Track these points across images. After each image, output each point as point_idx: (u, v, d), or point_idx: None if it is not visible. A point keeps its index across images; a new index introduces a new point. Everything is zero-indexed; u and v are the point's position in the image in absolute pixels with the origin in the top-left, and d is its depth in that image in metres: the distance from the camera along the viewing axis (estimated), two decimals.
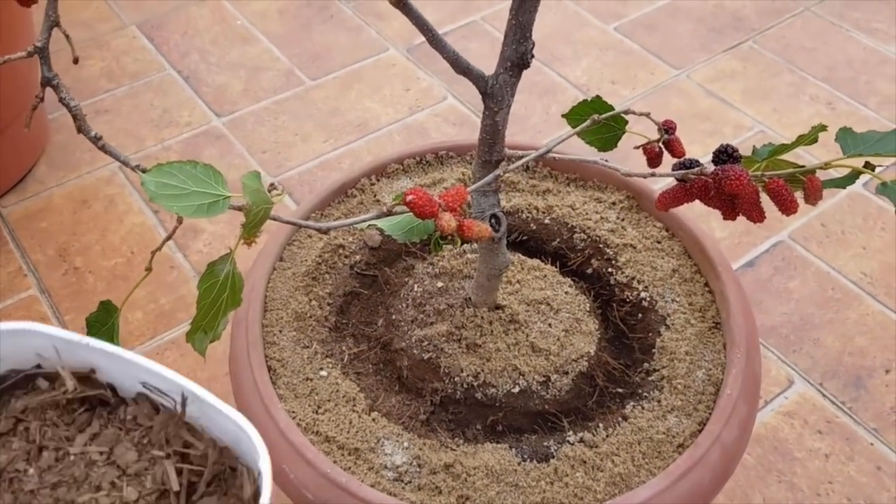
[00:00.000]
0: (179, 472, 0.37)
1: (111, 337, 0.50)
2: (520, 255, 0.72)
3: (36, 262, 1.11)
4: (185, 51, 1.46)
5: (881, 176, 0.48)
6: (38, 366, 0.41)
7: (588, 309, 0.68)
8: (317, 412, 0.61)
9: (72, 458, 0.38)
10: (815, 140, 0.50)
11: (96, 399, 0.40)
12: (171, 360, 1.00)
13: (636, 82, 1.40)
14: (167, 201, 0.39)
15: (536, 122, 1.33)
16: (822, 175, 0.51)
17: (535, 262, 0.71)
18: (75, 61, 0.45)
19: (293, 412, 0.60)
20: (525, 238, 0.76)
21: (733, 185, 0.48)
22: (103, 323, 0.49)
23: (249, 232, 0.42)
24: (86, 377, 0.40)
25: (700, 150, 1.22)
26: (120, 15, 1.53)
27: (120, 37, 1.48)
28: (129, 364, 0.39)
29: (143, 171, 0.41)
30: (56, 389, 0.40)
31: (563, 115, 0.58)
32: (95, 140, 0.43)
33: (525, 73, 0.53)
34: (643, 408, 0.62)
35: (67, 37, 0.44)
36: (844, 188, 0.51)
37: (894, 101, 1.36)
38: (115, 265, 1.11)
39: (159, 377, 0.39)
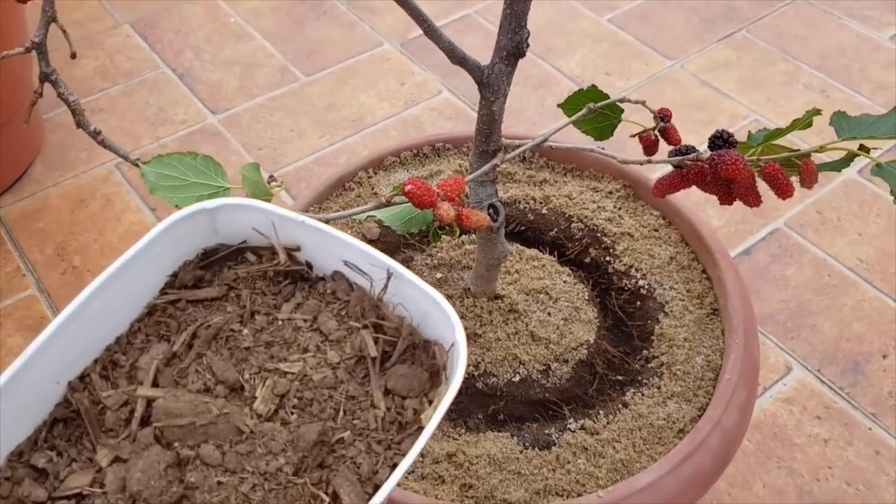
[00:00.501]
0: (376, 341, 0.40)
1: None
2: (518, 245, 0.72)
3: (34, 262, 1.11)
4: (178, 49, 1.46)
5: (876, 159, 0.48)
6: (245, 241, 0.44)
7: (587, 297, 0.68)
8: None
9: (280, 322, 0.41)
10: (809, 124, 0.50)
11: (298, 274, 0.43)
12: None
13: (630, 73, 1.41)
14: (167, 192, 0.40)
15: (532, 114, 1.33)
16: (817, 159, 0.52)
17: (534, 251, 0.71)
18: (73, 56, 0.46)
19: None
20: (523, 228, 0.76)
21: (729, 169, 0.48)
22: None
23: None
24: (290, 254, 0.43)
25: (695, 140, 1.22)
26: (113, 14, 1.53)
27: (113, 35, 1.48)
28: (338, 242, 0.42)
29: (144, 163, 0.41)
30: (264, 262, 0.43)
31: (559, 105, 0.58)
32: (95, 134, 0.43)
33: (519, 65, 0.53)
34: (643, 394, 0.63)
35: (65, 32, 0.44)
36: (840, 171, 0.51)
37: (888, 88, 1.36)
38: None
39: (365, 254, 0.41)
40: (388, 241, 0.75)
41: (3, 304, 1.06)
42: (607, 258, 0.72)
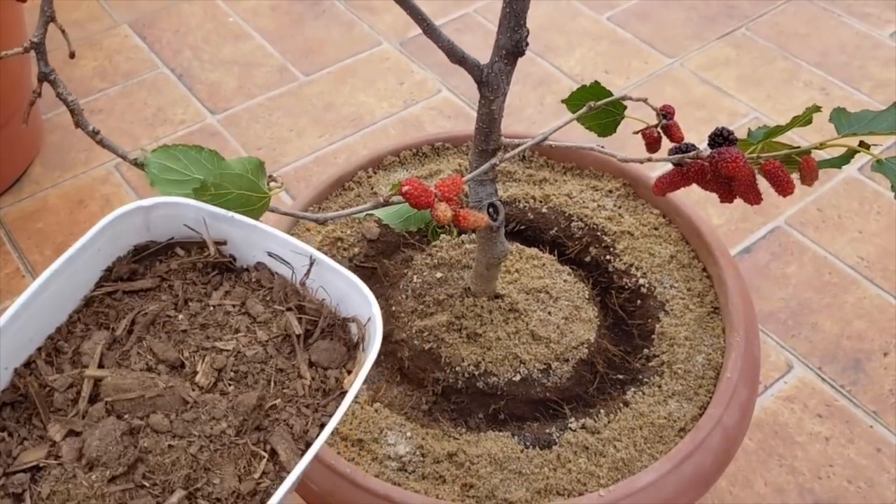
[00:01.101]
0: (299, 321, 0.45)
1: None
2: (518, 244, 0.72)
3: (34, 263, 1.11)
4: (177, 48, 1.45)
5: (877, 155, 0.48)
6: (172, 238, 0.48)
7: (587, 296, 0.68)
8: None
9: (212, 308, 0.46)
10: (809, 121, 0.50)
11: (224, 266, 0.48)
12: None
13: (630, 71, 1.40)
14: (167, 186, 0.40)
15: (531, 112, 1.33)
16: (817, 156, 0.51)
17: (534, 250, 0.71)
18: (72, 56, 0.45)
19: None
20: (523, 227, 0.76)
21: (730, 167, 0.48)
22: None
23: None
24: (217, 247, 0.48)
25: (695, 138, 1.21)
26: (111, 14, 1.53)
27: (112, 36, 1.48)
28: (263, 234, 0.47)
29: (144, 160, 0.41)
30: (193, 255, 0.48)
31: (562, 101, 0.58)
32: (93, 134, 0.43)
33: (519, 64, 0.53)
34: (644, 393, 0.62)
35: (63, 32, 0.44)
36: (840, 168, 0.51)
37: (888, 86, 1.36)
38: None
39: (287, 244, 0.46)
40: (388, 241, 0.75)
41: (3, 306, 1.06)
42: (607, 257, 0.72)
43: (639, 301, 0.70)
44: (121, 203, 1.18)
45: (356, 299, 0.45)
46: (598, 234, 0.73)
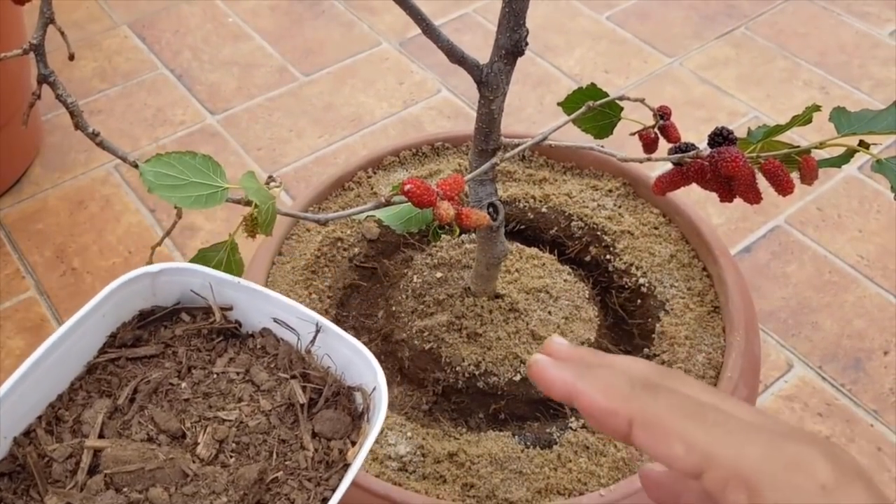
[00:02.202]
0: (303, 390, 0.44)
1: None
2: (518, 243, 0.72)
3: (34, 264, 1.11)
4: (177, 49, 1.45)
5: (876, 155, 0.48)
6: (178, 302, 0.48)
7: (587, 296, 0.68)
8: None
9: (215, 375, 0.45)
10: (809, 120, 0.50)
11: (229, 331, 0.48)
12: None
13: (630, 71, 1.40)
14: (165, 192, 0.39)
15: (531, 112, 1.33)
16: (816, 155, 0.51)
17: (534, 250, 0.71)
18: (71, 58, 0.45)
19: None
20: (523, 227, 0.76)
21: (729, 166, 0.48)
22: None
23: (265, 230, 0.43)
24: (223, 313, 0.48)
25: (695, 137, 1.21)
26: (111, 14, 1.53)
27: (111, 36, 1.48)
28: (269, 300, 0.47)
29: (143, 163, 0.41)
30: (198, 321, 0.48)
31: (558, 104, 0.58)
32: (93, 136, 0.43)
33: (518, 64, 0.53)
34: None
35: (63, 33, 0.44)
36: (840, 167, 0.51)
37: (887, 85, 1.36)
38: (112, 265, 1.11)
39: (293, 310, 0.46)
40: (388, 241, 0.75)
41: (3, 306, 1.06)
42: (607, 256, 0.72)
43: (639, 300, 0.70)
44: (121, 204, 1.18)
45: (361, 367, 0.44)
46: (598, 233, 0.73)
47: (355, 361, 0.44)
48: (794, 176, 0.51)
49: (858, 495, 0.29)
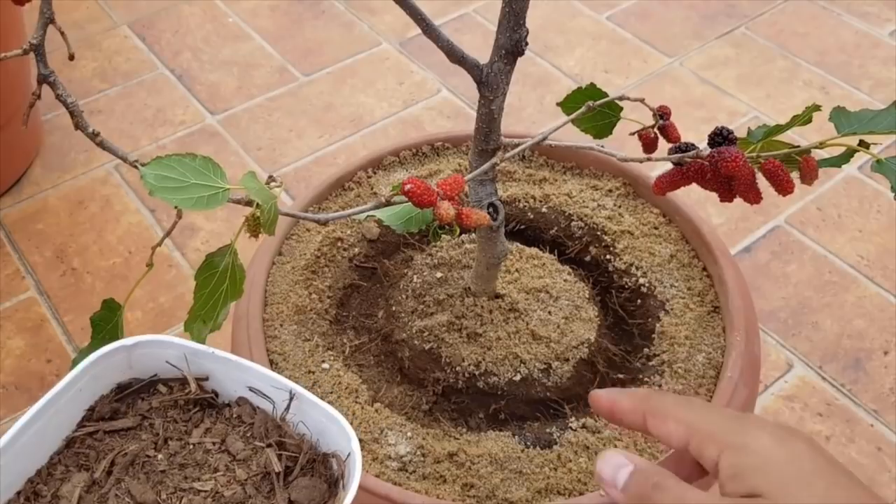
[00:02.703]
0: (279, 458, 0.45)
1: (115, 335, 0.50)
2: (518, 243, 0.72)
3: (34, 264, 1.11)
4: (177, 49, 1.45)
5: (876, 155, 0.48)
6: (156, 374, 0.49)
7: (587, 296, 0.68)
8: None
9: (192, 446, 0.46)
10: (809, 120, 0.50)
11: (205, 401, 0.48)
12: None
13: (630, 71, 1.40)
14: (166, 194, 0.39)
15: (531, 112, 1.33)
16: (816, 155, 0.51)
17: (534, 250, 0.71)
18: (71, 58, 0.45)
19: None
20: (523, 227, 0.76)
21: (729, 166, 0.48)
22: (108, 321, 0.49)
23: (268, 229, 0.42)
24: (199, 383, 0.49)
25: (695, 137, 1.21)
26: (111, 15, 1.53)
27: (111, 37, 1.48)
28: (243, 369, 0.47)
29: (142, 165, 0.41)
30: (174, 392, 0.48)
31: (558, 104, 0.58)
32: (93, 136, 0.43)
33: (518, 64, 0.53)
34: None
35: (62, 33, 0.44)
36: (840, 167, 0.51)
37: (887, 84, 1.36)
38: (113, 265, 1.11)
39: (267, 378, 0.47)
40: (389, 241, 0.75)
41: (3, 307, 1.06)
42: (607, 256, 0.72)
43: (639, 300, 0.70)
44: (121, 204, 1.18)
45: (336, 433, 0.45)
46: (598, 233, 0.73)
47: (330, 427, 0.45)
48: (795, 176, 0.51)
49: (800, 445, 0.40)
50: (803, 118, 0.50)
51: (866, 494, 0.39)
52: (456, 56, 0.51)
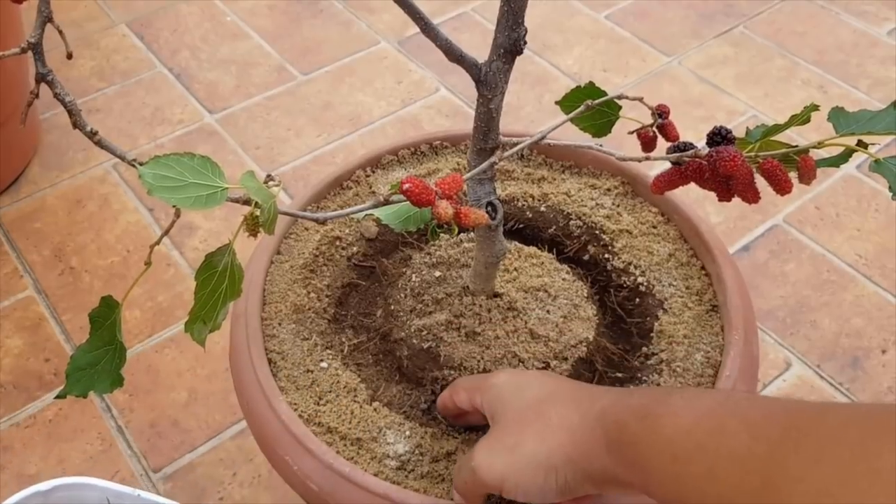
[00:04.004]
0: None
1: (114, 332, 0.50)
2: (516, 242, 0.72)
3: (32, 263, 1.11)
4: (175, 48, 1.45)
5: (875, 155, 0.48)
6: None
7: (586, 295, 0.68)
8: (318, 403, 0.61)
9: None
10: (807, 120, 0.50)
11: None
12: (169, 357, 1.00)
13: (628, 70, 1.41)
14: (165, 193, 0.39)
15: (529, 111, 1.33)
16: (815, 155, 0.52)
17: (532, 249, 0.71)
18: (69, 56, 0.45)
19: (295, 404, 0.60)
20: (521, 226, 0.76)
21: (728, 166, 0.48)
22: (106, 318, 0.48)
23: (268, 228, 0.42)
24: None
25: (693, 136, 1.22)
26: (109, 13, 1.53)
27: (110, 35, 1.48)
28: None
29: (140, 164, 0.41)
30: None
31: (556, 102, 0.58)
32: (91, 135, 0.43)
33: (517, 62, 0.53)
34: None
35: (61, 32, 0.44)
36: (838, 167, 0.51)
37: (886, 84, 1.36)
38: (111, 264, 1.11)
39: None
40: (387, 240, 0.75)
41: (1, 305, 1.06)
42: (606, 255, 0.72)
43: (637, 299, 0.70)
44: (119, 203, 1.18)
45: None
46: (597, 232, 0.73)
47: None
48: (793, 175, 0.51)
49: (529, 375, 0.55)
50: (802, 118, 0.50)
51: (565, 382, 0.53)
52: (454, 55, 0.51)
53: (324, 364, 0.64)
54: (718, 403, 0.41)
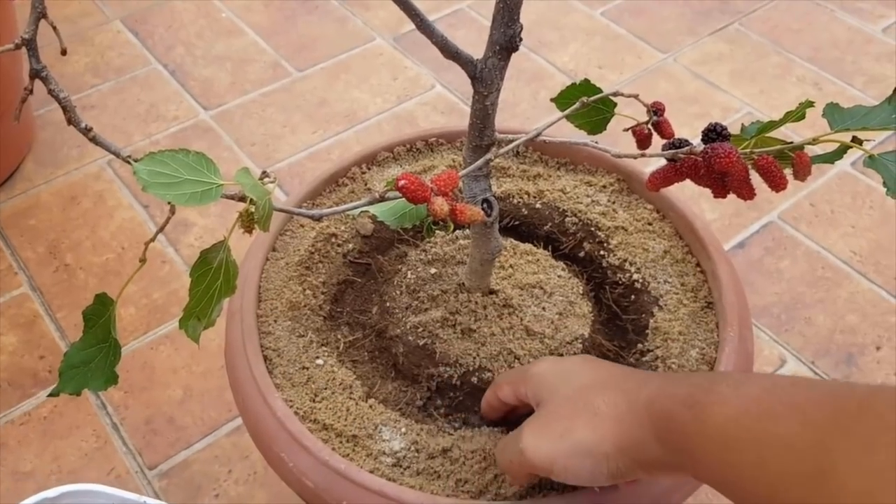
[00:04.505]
0: None
1: (108, 330, 0.50)
2: (512, 239, 0.72)
3: (26, 260, 1.10)
4: (170, 44, 1.45)
5: (869, 151, 0.48)
6: None
7: (581, 292, 0.68)
8: (314, 400, 0.61)
9: None
10: (802, 116, 0.50)
11: None
12: (165, 354, 1.00)
13: (623, 67, 1.41)
14: (160, 189, 0.39)
15: (525, 108, 1.33)
16: (810, 151, 0.52)
17: (528, 246, 0.71)
18: (63, 52, 0.45)
19: (290, 401, 0.60)
20: (517, 223, 0.76)
21: (723, 162, 0.48)
22: (100, 315, 0.48)
23: (263, 225, 0.42)
24: None
25: (689, 133, 1.22)
26: (104, 9, 1.52)
27: (104, 31, 1.47)
28: None
29: (135, 161, 0.40)
30: None
31: (551, 99, 0.58)
32: (86, 131, 0.43)
33: (512, 59, 0.53)
34: None
35: (55, 28, 0.44)
36: (833, 163, 0.51)
37: (880, 80, 1.37)
38: (106, 261, 1.10)
39: None
40: (383, 237, 0.75)
41: None
42: (601, 252, 0.72)
43: (633, 296, 0.70)
44: (114, 199, 1.18)
45: None
46: (592, 229, 0.73)
47: None
48: (788, 172, 0.51)
49: (570, 361, 0.57)
50: (796, 114, 0.50)
51: (609, 368, 0.54)
52: (450, 51, 0.51)
53: (319, 361, 0.64)
54: (765, 390, 0.42)
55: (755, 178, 0.51)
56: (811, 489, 0.36)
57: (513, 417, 0.61)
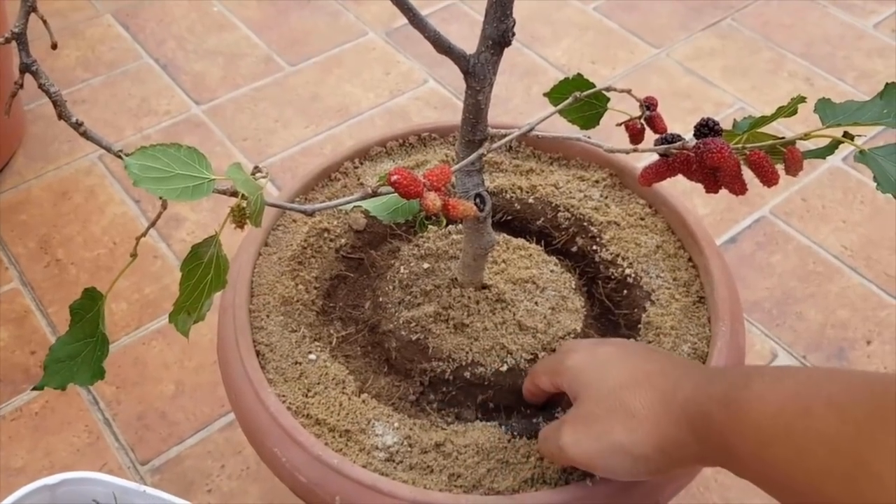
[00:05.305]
0: None
1: (97, 325, 0.49)
2: (505, 234, 0.72)
3: (17, 255, 1.10)
4: (161, 38, 1.44)
5: (860, 146, 0.49)
6: None
7: (574, 286, 0.68)
8: (307, 395, 0.61)
9: None
10: (794, 111, 0.50)
11: None
12: (157, 349, 1.00)
13: (616, 62, 1.41)
14: (151, 184, 0.39)
15: (518, 103, 1.33)
16: (801, 146, 0.52)
17: (520, 241, 0.71)
18: (53, 47, 0.45)
19: (283, 396, 0.60)
20: (509, 218, 0.76)
21: (715, 157, 0.48)
22: (88, 310, 0.48)
23: (255, 220, 0.42)
24: None
25: (681, 128, 1.22)
26: (94, 3, 1.51)
27: (95, 25, 1.47)
28: None
29: (126, 155, 0.40)
30: None
31: (544, 94, 0.58)
32: (77, 126, 0.42)
33: (505, 54, 0.53)
34: None
35: (45, 22, 0.43)
36: (824, 158, 0.52)
37: (872, 76, 1.37)
38: (97, 256, 1.10)
39: None
40: (375, 232, 0.75)
41: None
42: (594, 247, 0.72)
43: (625, 291, 0.70)
44: (105, 194, 1.17)
45: None
46: (585, 224, 0.73)
47: None
48: (780, 167, 0.51)
49: (604, 349, 0.56)
50: (788, 109, 0.51)
51: (643, 362, 0.52)
52: (443, 46, 0.51)
53: (312, 356, 0.64)
54: (801, 384, 0.42)
55: (747, 174, 0.51)
56: (850, 484, 0.36)
57: (557, 399, 0.63)
